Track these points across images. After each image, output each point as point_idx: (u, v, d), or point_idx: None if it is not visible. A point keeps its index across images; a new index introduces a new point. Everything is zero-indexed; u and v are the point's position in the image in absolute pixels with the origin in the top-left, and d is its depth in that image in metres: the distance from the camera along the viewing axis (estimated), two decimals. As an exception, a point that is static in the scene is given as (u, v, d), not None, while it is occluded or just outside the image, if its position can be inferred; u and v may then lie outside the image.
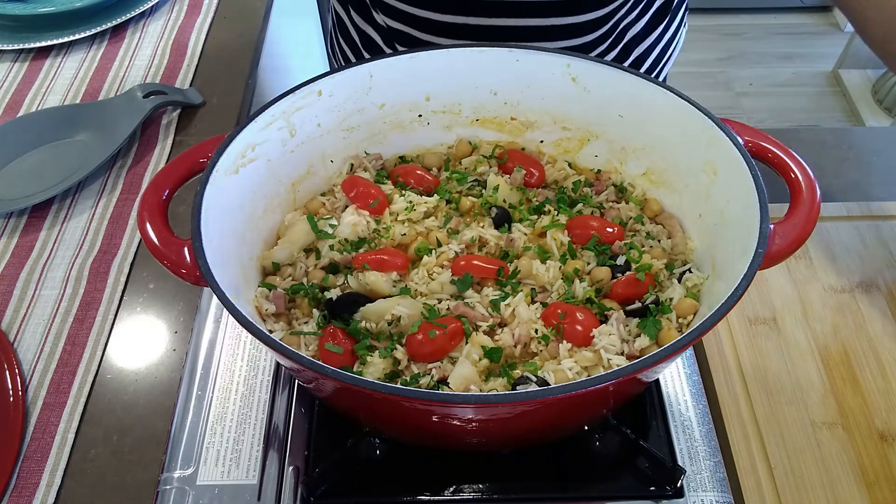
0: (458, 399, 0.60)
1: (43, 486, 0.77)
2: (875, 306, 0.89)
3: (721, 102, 3.09)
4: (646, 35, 1.05)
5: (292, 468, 0.74)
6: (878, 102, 2.97)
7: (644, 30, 1.04)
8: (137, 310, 0.93)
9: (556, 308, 0.73)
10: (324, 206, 0.85)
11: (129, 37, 1.34)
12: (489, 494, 0.73)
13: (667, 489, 0.72)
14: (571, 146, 0.90)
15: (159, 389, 0.85)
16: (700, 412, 0.78)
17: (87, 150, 1.11)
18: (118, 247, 0.99)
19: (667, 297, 0.75)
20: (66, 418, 0.82)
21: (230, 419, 0.78)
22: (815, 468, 0.75)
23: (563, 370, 0.68)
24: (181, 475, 0.74)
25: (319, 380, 0.63)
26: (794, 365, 0.84)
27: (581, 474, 0.74)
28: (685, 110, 0.76)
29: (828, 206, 0.98)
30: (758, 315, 0.88)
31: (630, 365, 0.57)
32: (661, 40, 1.08)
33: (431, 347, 0.69)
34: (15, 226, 1.03)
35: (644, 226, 0.83)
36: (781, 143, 0.73)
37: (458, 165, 0.90)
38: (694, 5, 3.47)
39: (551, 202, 0.84)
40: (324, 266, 0.79)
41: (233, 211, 0.74)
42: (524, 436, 0.73)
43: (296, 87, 0.79)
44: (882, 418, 0.79)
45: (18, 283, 0.95)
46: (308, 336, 0.72)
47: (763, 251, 0.62)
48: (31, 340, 0.89)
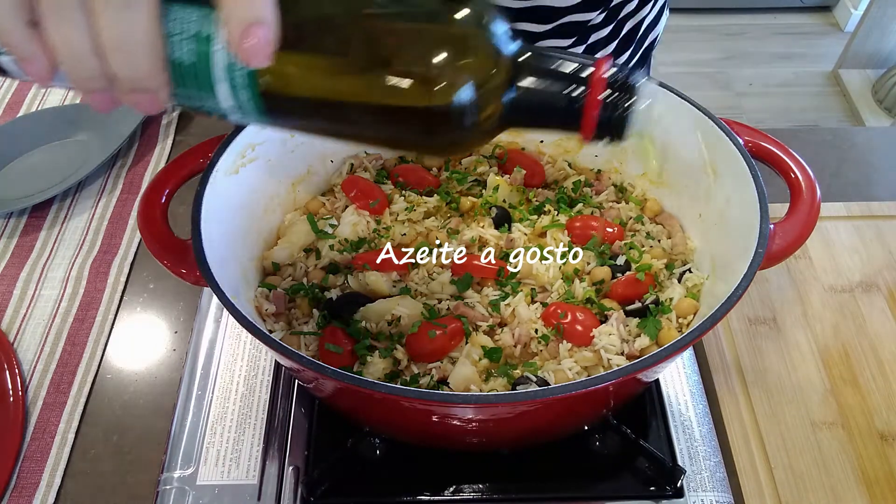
0: (458, 399, 0.60)
1: (43, 485, 0.77)
2: (875, 306, 0.89)
3: (721, 102, 3.09)
4: (638, 9, 1.05)
5: (292, 468, 0.74)
6: (878, 102, 2.97)
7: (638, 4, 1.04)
8: (137, 310, 0.93)
9: (556, 308, 0.73)
10: (324, 206, 0.85)
11: (129, 37, 1.34)
12: (489, 494, 0.73)
13: (667, 489, 0.72)
14: (571, 146, 0.90)
15: (159, 389, 0.85)
16: (700, 412, 0.78)
17: (87, 150, 1.11)
18: (118, 247, 0.99)
19: (667, 297, 0.75)
20: (66, 418, 0.82)
21: (230, 419, 0.78)
22: (815, 468, 0.75)
23: (563, 370, 0.68)
24: (181, 475, 0.74)
25: (319, 380, 0.63)
26: (794, 365, 0.84)
27: (581, 474, 0.74)
28: (685, 110, 0.76)
29: (828, 206, 0.98)
30: (758, 315, 0.88)
31: (630, 365, 0.57)
32: (651, 13, 1.08)
33: (431, 347, 0.69)
34: (15, 226, 1.03)
35: (644, 226, 0.83)
36: (781, 143, 0.73)
37: (458, 165, 0.90)
38: (694, 5, 3.49)
39: (551, 202, 0.84)
40: (324, 266, 0.79)
41: (233, 211, 0.74)
42: (524, 436, 0.73)
43: (296, 87, 0.79)
44: (882, 418, 0.79)
45: (18, 283, 0.95)
46: (308, 336, 0.72)
47: (763, 251, 0.62)
48: (31, 340, 0.89)
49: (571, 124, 0.49)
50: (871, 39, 3.02)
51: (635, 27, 1.06)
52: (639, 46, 1.10)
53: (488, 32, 0.47)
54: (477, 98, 0.47)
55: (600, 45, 1.04)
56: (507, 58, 0.48)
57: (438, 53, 0.45)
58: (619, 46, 1.07)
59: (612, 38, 1.04)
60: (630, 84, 0.48)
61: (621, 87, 0.47)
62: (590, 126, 0.48)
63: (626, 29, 1.05)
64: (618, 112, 0.48)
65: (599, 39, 1.03)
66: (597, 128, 0.48)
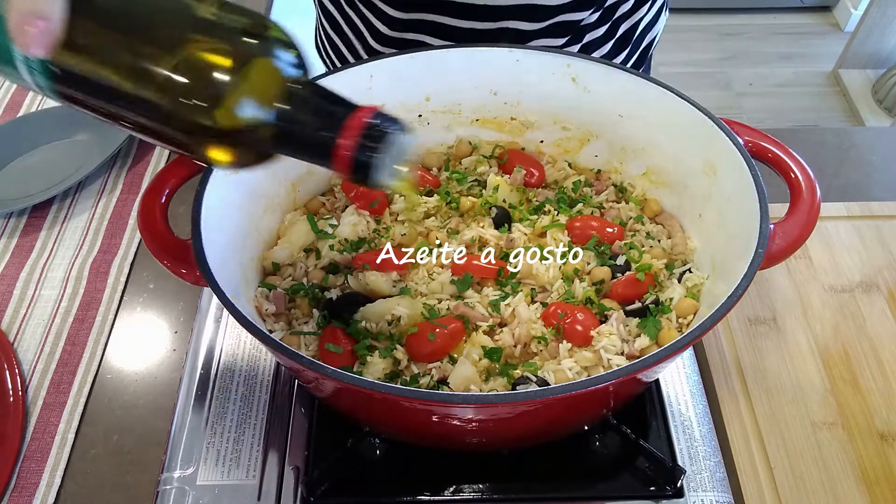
0: (458, 399, 0.60)
1: (43, 486, 0.77)
2: (875, 306, 0.89)
3: (721, 102, 3.09)
4: (634, 10, 1.04)
5: (292, 468, 0.74)
6: (878, 102, 2.97)
7: (634, 5, 1.04)
8: (137, 310, 0.93)
9: (556, 308, 0.73)
10: (324, 206, 0.85)
11: (129, 37, 1.34)
12: (489, 494, 0.73)
13: (667, 489, 0.72)
14: (571, 146, 0.90)
15: (159, 389, 0.85)
16: (700, 412, 0.78)
17: (87, 150, 1.11)
18: (118, 247, 0.99)
19: (667, 297, 0.75)
20: (66, 418, 0.82)
21: (230, 419, 0.78)
22: (815, 468, 0.75)
23: (563, 370, 0.68)
24: (181, 475, 0.74)
25: (319, 380, 0.63)
26: (794, 365, 0.84)
27: (581, 474, 0.74)
28: (685, 110, 0.76)
29: (828, 206, 0.98)
30: (758, 315, 0.88)
31: (630, 365, 0.57)
32: (648, 15, 1.08)
33: (431, 347, 0.69)
34: (15, 226, 1.03)
35: (644, 226, 0.83)
36: (781, 143, 0.73)
37: (458, 165, 0.90)
38: (694, 5, 3.49)
39: (551, 202, 0.84)
40: (324, 266, 0.79)
41: (232, 211, 0.74)
42: (524, 436, 0.73)
43: (296, 87, 0.79)
44: (882, 418, 0.79)
45: (18, 283, 0.95)
46: (308, 336, 0.72)
47: (763, 251, 0.62)
48: (31, 340, 0.89)
49: (325, 160, 0.52)
50: (871, 39, 3.02)
51: (632, 28, 1.06)
52: (636, 47, 1.10)
53: (268, 52, 0.51)
54: (237, 108, 0.50)
55: (595, 46, 1.04)
56: (279, 79, 0.51)
57: (202, 57, 0.50)
58: (615, 47, 1.07)
59: (607, 38, 1.04)
60: (384, 132, 0.51)
61: (375, 135, 0.51)
62: (342, 165, 0.51)
63: (622, 30, 1.05)
64: (366, 158, 0.51)
65: (594, 40, 1.03)
66: (350, 170, 0.52)
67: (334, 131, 0.51)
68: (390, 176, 0.53)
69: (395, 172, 0.53)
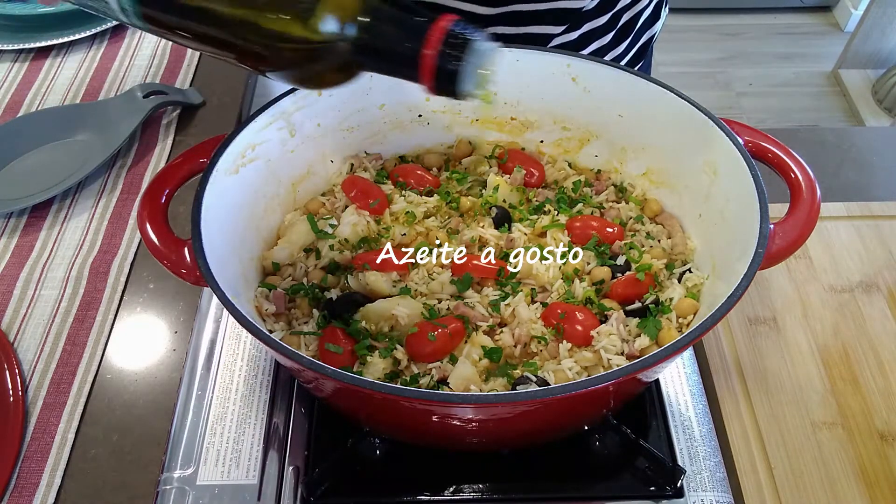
0: (458, 399, 0.60)
1: (43, 485, 0.77)
2: (875, 306, 0.89)
3: (721, 102, 3.09)
4: (635, 1, 1.05)
5: (292, 468, 0.74)
6: (878, 102, 2.97)
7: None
8: (137, 310, 0.93)
9: (556, 308, 0.73)
10: (324, 206, 0.85)
11: (129, 37, 1.33)
12: (489, 494, 0.73)
13: (667, 489, 0.72)
14: (571, 146, 0.90)
15: (159, 389, 0.85)
16: (700, 412, 0.78)
17: (87, 150, 1.11)
18: (118, 247, 0.99)
19: (667, 297, 0.75)
20: (66, 418, 0.82)
21: (230, 419, 0.78)
22: (815, 468, 0.75)
23: (563, 370, 0.68)
24: (181, 475, 0.74)
25: (319, 380, 0.63)
26: (794, 365, 0.84)
27: (581, 474, 0.75)
28: (685, 110, 0.76)
29: (828, 206, 0.98)
30: (758, 315, 0.88)
31: (630, 365, 0.57)
32: (648, 8, 1.08)
33: (431, 347, 0.69)
34: (15, 226, 1.03)
35: (644, 226, 0.83)
36: (781, 143, 0.73)
37: (458, 165, 0.90)
38: (694, 5, 3.49)
39: (551, 202, 0.84)
40: (324, 266, 0.79)
41: (233, 211, 0.74)
42: (524, 436, 0.73)
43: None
44: (882, 418, 0.79)
45: (18, 283, 0.95)
46: (308, 336, 0.72)
47: (763, 251, 0.62)
48: (31, 340, 0.89)
49: (410, 71, 0.52)
50: (871, 39, 3.02)
51: (632, 20, 1.06)
52: (636, 40, 1.10)
53: None
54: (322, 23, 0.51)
55: (596, 35, 1.04)
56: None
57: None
58: (615, 38, 1.07)
59: (608, 28, 1.04)
60: (468, 40, 0.51)
61: (458, 42, 0.51)
62: (426, 75, 0.52)
63: (623, 20, 1.05)
64: (452, 67, 0.51)
65: (594, 29, 1.03)
66: (434, 79, 0.52)
67: (417, 42, 0.51)
68: (474, 84, 0.52)
69: (480, 79, 0.52)
